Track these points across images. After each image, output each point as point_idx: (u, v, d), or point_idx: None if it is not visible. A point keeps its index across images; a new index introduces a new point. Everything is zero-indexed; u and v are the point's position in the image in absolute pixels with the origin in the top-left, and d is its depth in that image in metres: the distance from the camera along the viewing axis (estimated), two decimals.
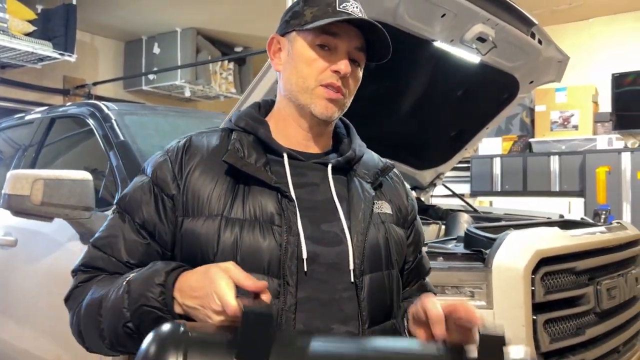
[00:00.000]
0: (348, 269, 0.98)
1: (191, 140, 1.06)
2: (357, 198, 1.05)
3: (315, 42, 1.02)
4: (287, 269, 0.94)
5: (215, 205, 0.98)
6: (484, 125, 2.75)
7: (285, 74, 1.06)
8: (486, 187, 5.22)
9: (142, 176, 1.07)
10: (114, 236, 1.03)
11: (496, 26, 2.07)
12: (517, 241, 1.46)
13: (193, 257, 0.96)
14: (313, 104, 1.02)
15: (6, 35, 4.32)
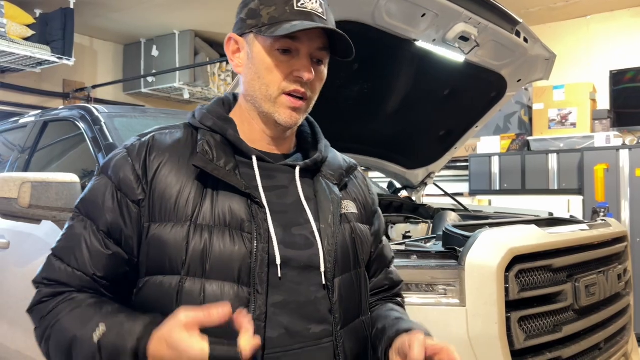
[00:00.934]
0: (319, 271, 0.99)
1: (154, 139, 1.01)
2: (325, 200, 1.05)
3: (275, 47, 0.98)
4: (257, 277, 0.92)
5: (184, 211, 0.94)
6: (473, 124, 2.76)
7: (246, 78, 1.02)
8: (485, 185, 5.20)
9: (102, 178, 1.00)
10: (77, 246, 0.97)
11: (478, 25, 2.07)
12: (490, 239, 1.47)
13: (160, 265, 0.94)
14: (277, 112, 1.00)
15: (4, 40, 4.37)
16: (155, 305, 0.92)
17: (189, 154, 0.98)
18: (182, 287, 0.91)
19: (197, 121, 1.03)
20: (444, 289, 1.42)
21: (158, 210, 0.95)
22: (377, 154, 2.71)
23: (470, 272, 1.41)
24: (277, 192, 1.01)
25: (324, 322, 0.98)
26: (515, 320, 1.45)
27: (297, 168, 1.04)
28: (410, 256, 1.47)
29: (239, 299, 0.90)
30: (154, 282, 0.94)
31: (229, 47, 1.05)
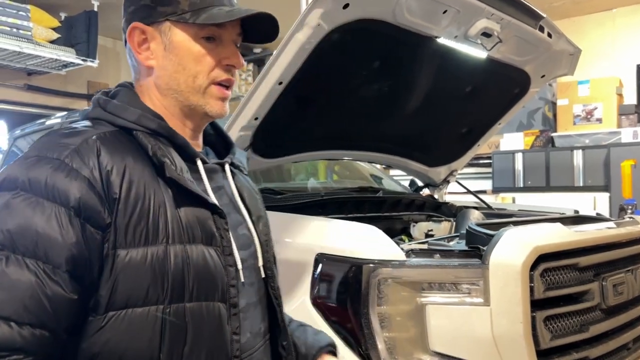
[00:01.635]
0: (258, 266, 1.00)
1: (100, 146, 0.84)
2: (249, 193, 1.06)
3: (200, 35, 0.92)
4: (231, 291, 0.91)
5: (156, 231, 0.83)
6: (496, 121, 2.72)
7: (166, 71, 0.93)
8: (508, 183, 5.14)
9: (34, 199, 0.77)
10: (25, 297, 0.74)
11: (501, 21, 2.04)
12: (514, 237, 1.45)
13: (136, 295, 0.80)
14: (208, 104, 0.95)
15: (31, 43, 4.46)
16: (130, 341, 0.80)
17: (141, 161, 0.86)
18: (167, 316, 0.82)
19: (132, 122, 0.90)
20: (467, 288, 1.41)
21: (129, 232, 0.81)
22: (399, 152, 2.70)
23: (495, 271, 1.39)
24: (219, 193, 0.98)
25: (265, 320, 1.01)
26: (540, 320, 1.43)
27: (227, 166, 1.02)
28: (433, 255, 1.46)
29: (221, 316, 0.89)
30: (124, 316, 0.80)
31: (134, 37, 0.93)
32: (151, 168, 0.87)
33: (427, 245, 1.62)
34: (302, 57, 1.72)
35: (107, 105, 0.93)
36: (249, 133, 1.91)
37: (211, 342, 0.87)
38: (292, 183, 3.16)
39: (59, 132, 0.87)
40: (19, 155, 0.84)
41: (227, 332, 0.89)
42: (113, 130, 0.89)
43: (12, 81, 5.18)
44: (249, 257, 0.98)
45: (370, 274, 1.39)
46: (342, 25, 1.72)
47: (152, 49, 0.94)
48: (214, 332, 0.87)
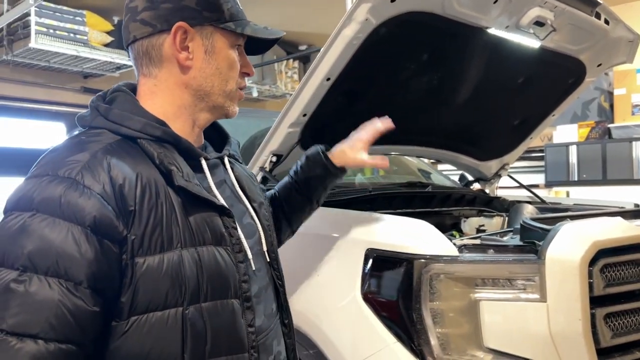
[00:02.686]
0: (263, 250, 1.06)
1: (109, 157, 0.86)
2: (247, 182, 1.12)
3: (236, 43, 1.02)
4: (243, 286, 0.95)
5: (170, 237, 0.87)
6: (549, 113, 2.64)
7: (202, 73, 0.98)
8: (562, 176, 4.97)
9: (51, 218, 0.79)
10: (50, 314, 0.76)
11: (555, 9, 1.98)
12: (572, 232, 1.40)
13: (157, 300, 0.84)
14: (231, 107, 1.04)
15: (87, 47, 4.63)
16: (154, 344, 0.84)
17: (148, 169, 0.89)
18: (187, 317, 0.86)
19: (136, 131, 0.92)
20: (522, 284, 1.37)
21: (145, 241, 0.84)
22: (448, 145, 2.65)
23: (551, 267, 1.35)
24: (221, 188, 1.03)
25: (275, 300, 1.09)
26: (600, 317, 1.38)
27: (225, 159, 1.08)
28: (486, 250, 1.43)
29: (235, 312, 0.93)
30: (146, 320, 0.84)
31: (178, 37, 0.95)
32: (159, 175, 0.90)
33: (480, 241, 1.59)
34: (349, 52, 1.72)
35: (108, 114, 0.94)
36: (298, 129, 1.93)
37: (229, 337, 0.92)
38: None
39: (66, 147, 0.89)
40: (30, 172, 0.86)
41: (242, 325, 0.94)
42: (117, 140, 0.91)
43: (69, 84, 5.40)
44: (255, 244, 1.04)
45: (422, 269, 1.38)
46: (390, 18, 1.70)
47: (192, 49, 0.96)
48: (231, 327, 0.92)
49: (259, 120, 2.89)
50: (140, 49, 0.98)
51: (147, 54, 0.98)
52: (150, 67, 0.98)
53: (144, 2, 0.97)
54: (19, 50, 4.53)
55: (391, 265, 1.42)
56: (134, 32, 0.98)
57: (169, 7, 0.95)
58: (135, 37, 0.98)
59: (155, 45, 0.96)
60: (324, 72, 1.75)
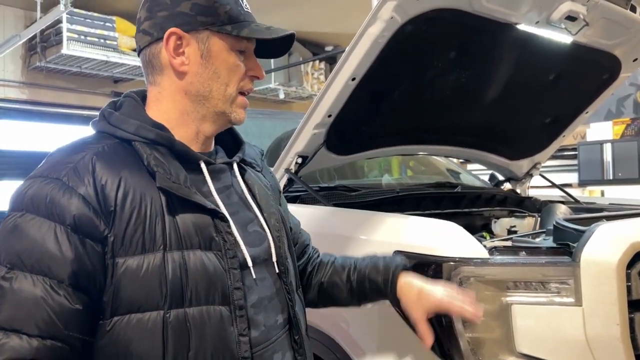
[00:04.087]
0: (272, 261, 1.03)
1: (95, 158, 0.88)
2: (260, 190, 1.08)
3: (236, 47, 0.98)
4: (235, 294, 0.92)
5: (152, 239, 0.86)
6: (582, 110, 2.56)
7: (199, 78, 0.96)
8: (596, 175, 4.86)
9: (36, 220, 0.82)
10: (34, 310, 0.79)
11: (587, 2, 1.91)
12: (609, 233, 1.35)
13: (136, 302, 0.84)
14: (234, 112, 1.00)
15: (117, 52, 4.72)
16: (134, 346, 0.84)
17: (137, 172, 0.89)
18: (168, 322, 0.85)
19: (131, 133, 0.93)
20: (556, 287, 1.33)
21: (126, 241, 0.85)
22: (477, 145, 2.60)
23: (587, 269, 1.30)
24: (226, 193, 1.01)
25: (283, 312, 1.03)
26: (639, 322, 1.33)
27: (234, 165, 1.05)
28: (518, 252, 1.39)
29: (224, 319, 0.90)
30: (128, 321, 0.84)
31: (171, 43, 0.95)
32: (148, 177, 0.90)
33: (511, 242, 1.55)
34: (375, 51, 1.70)
35: (110, 118, 0.96)
36: (323, 130, 1.91)
37: (215, 346, 0.89)
38: (366, 180, 3.14)
39: (66, 149, 0.92)
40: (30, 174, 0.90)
41: (232, 334, 0.91)
42: (113, 143, 0.93)
43: (100, 89, 5.51)
44: (261, 254, 1.01)
45: (451, 272, 1.34)
46: (416, 16, 1.68)
47: (187, 55, 0.96)
48: (218, 335, 0.89)
49: (285, 122, 2.88)
50: (145, 58, 1.00)
51: (150, 63, 0.99)
52: (155, 75, 1.00)
53: (145, 12, 1.00)
54: (51, 57, 4.65)
55: (419, 267, 1.39)
56: (138, 42, 1.01)
57: (165, 14, 0.96)
58: (140, 47, 1.01)
59: (155, 53, 0.98)
60: (349, 72, 1.73)
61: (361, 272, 1.23)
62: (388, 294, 1.20)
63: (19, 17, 5.02)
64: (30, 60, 4.98)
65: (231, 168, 1.06)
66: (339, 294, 1.25)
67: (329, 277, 1.25)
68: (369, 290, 1.22)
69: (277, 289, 1.03)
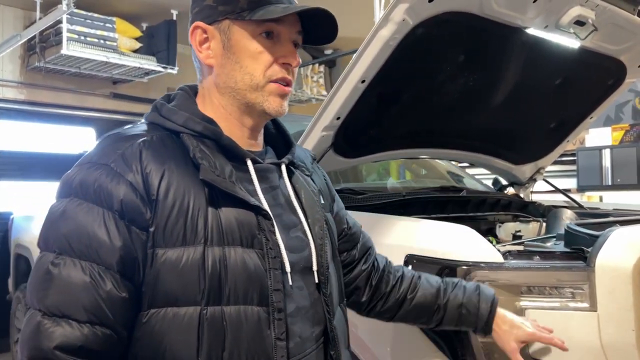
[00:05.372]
0: (312, 270, 0.97)
1: (143, 148, 0.87)
2: (307, 195, 1.03)
3: (258, 32, 0.92)
4: (275, 295, 0.88)
5: (193, 232, 0.84)
6: (587, 115, 2.56)
7: (224, 69, 0.94)
8: (595, 181, 4.86)
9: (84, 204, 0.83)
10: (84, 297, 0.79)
11: (596, 7, 1.91)
12: (624, 238, 1.34)
13: (172, 296, 0.83)
14: (266, 102, 0.94)
15: (116, 53, 4.69)
16: (169, 340, 0.83)
17: (183, 164, 0.88)
18: (204, 319, 0.83)
19: (179, 125, 0.92)
20: (571, 292, 1.32)
21: (167, 234, 0.84)
22: (482, 149, 2.59)
23: (602, 274, 1.30)
24: (272, 193, 0.97)
25: (320, 324, 0.97)
26: None
27: (282, 166, 1.01)
28: (532, 257, 1.38)
29: (261, 321, 0.87)
30: (163, 315, 0.83)
31: (195, 37, 0.95)
32: (194, 170, 0.88)
33: (524, 247, 1.54)
34: (385, 53, 1.69)
35: (162, 110, 0.95)
36: (331, 133, 1.90)
37: (251, 347, 0.86)
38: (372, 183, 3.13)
39: (115, 136, 0.91)
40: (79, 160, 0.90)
41: (269, 337, 0.88)
42: (162, 134, 0.92)
43: (99, 90, 5.47)
44: (300, 261, 0.96)
45: (465, 276, 1.33)
46: (427, 19, 1.67)
47: (212, 47, 0.95)
48: (254, 337, 0.86)
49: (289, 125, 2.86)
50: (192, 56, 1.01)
51: (194, 60, 1.00)
52: (199, 72, 1.00)
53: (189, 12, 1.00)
54: (50, 57, 4.61)
55: (432, 271, 1.38)
56: None
57: (196, 10, 0.97)
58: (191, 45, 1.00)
59: (193, 51, 0.99)
60: (359, 74, 1.72)
61: (456, 297, 1.21)
62: (482, 323, 1.20)
63: (18, 17, 4.99)
64: (29, 60, 4.94)
65: (279, 169, 1.02)
66: (422, 313, 1.21)
67: (414, 294, 1.21)
68: (460, 316, 1.20)
69: (315, 300, 0.98)
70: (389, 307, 1.22)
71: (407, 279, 1.23)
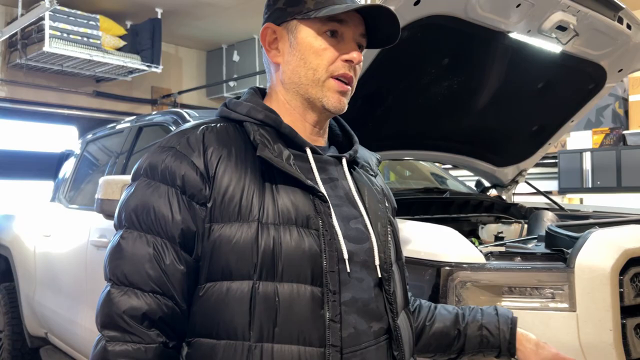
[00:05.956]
0: (374, 265, 0.97)
1: (206, 133, 0.94)
2: (370, 191, 1.04)
3: (323, 30, 0.97)
4: (329, 276, 0.89)
5: (249, 209, 0.88)
6: (568, 119, 2.60)
7: (289, 66, 0.99)
8: (576, 183, 4.93)
9: (152, 183, 0.90)
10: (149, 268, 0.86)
11: (577, 13, 1.95)
12: (602, 240, 1.37)
13: (226, 270, 0.87)
14: (325, 97, 0.98)
15: (100, 51, 4.65)
16: (224, 313, 0.87)
17: (243, 148, 0.94)
18: (256, 293, 0.86)
19: (243, 115, 0.98)
20: (551, 293, 1.34)
21: (222, 209, 0.88)
22: (465, 151, 2.62)
23: (581, 275, 1.32)
24: (330, 184, 0.99)
25: (381, 320, 0.97)
26: (631, 328, 1.35)
27: (344, 160, 1.03)
28: (513, 258, 1.40)
29: (314, 300, 0.88)
30: (218, 288, 0.88)
31: (266, 37, 1.01)
32: (253, 153, 0.93)
33: (505, 248, 1.56)
34: (371, 55, 1.70)
35: (229, 103, 1.03)
36: None
37: (304, 326, 0.87)
38: None
39: (186, 125, 0.99)
40: None
41: (323, 317, 0.88)
42: (227, 124, 0.98)
43: (82, 88, 5.42)
44: (360, 252, 0.96)
45: (449, 277, 1.35)
46: (412, 22, 1.69)
47: (280, 47, 1.01)
48: (307, 315, 0.87)
49: None
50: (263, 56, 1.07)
51: (264, 62, 1.07)
52: (268, 72, 1.06)
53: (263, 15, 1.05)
54: (32, 54, 4.56)
55: (416, 272, 1.40)
56: None
57: (267, 15, 1.03)
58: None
59: (263, 52, 1.05)
60: None
61: (475, 320, 1.18)
62: (505, 344, 1.17)
63: None
64: (10, 57, 4.88)
65: (340, 164, 1.03)
66: (443, 341, 1.18)
67: (432, 321, 1.19)
68: (482, 340, 1.17)
69: (376, 295, 0.96)
70: None
71: (425, 308, 1.21)
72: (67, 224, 3.18)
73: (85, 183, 3.33)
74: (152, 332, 0.86)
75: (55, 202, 3.56)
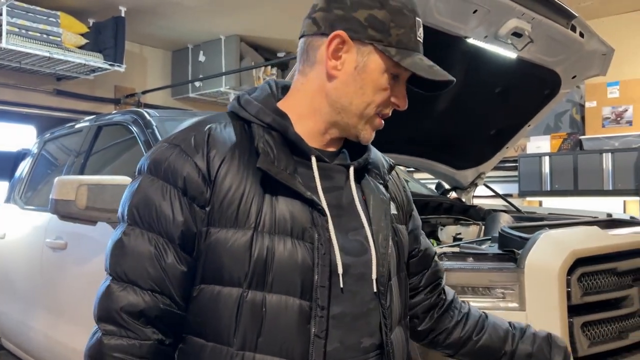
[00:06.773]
0: (371, 278, 0.95)
1: (211, 133, 0.92)
2: (375, 201, 1.01)
3: (391, 71, 0.94)
4: (319, 292, 0.88)
5: (246, 216, 0.88)
6: (525, 123, 2.68)
7: (345, 88, 0.94)
8: (535, 186, 5.05)
9: (155, 180, 0.90)
10: (149, 266, 0.87)
11: (532, 20, 2.01)
12: (551, 241, 1.41)
13: (218, 274, 0.88)
14: (363, 130, 0.97)
15: (60, 48, 4.54)
16: (212, 316, 0.88)
17: (247, 152, 0.92)
18: (244, 301, 0.86)
19: (252, 115, 0.95)
20: (502, 293, 1.38)
21: (220, 214, 0.88)
22: (426, 154, 2.67)
23: (530, 275, 1.36)
24: (334, 193, 0.97)
25: (373, 336, 0.95)
26: (578, 326, 1.39)
27: (351, 168, 0.99)
28: (466, 258, 1.43)
29: (301, 314, 0.87)
30: (210, 291, 0.89)
31: (333, 44, 0.93)
32: (256, 159, 0.91)
33: (459, 249, 1.59)
34: None
35: (241, 99, 0.99)
36: None
37: (288, 338, 0.86)
38: None
39: (195, 120, 0.98)
40: None
41: (308, 332, 0.87)
42: (235, 122, 0.96)
43: (41, 86, 5.28)
44: (357, 265, 0.94)
45: None
46: None
47: (343, 61, 0.94)
48: (292, 328, 0.86)
49: None
50: (303, 46, 0.99)
51: (306, 52, 0.98)
52: (306, 66, 0.98)
53: (323, 2, 0.97)
54: None
55: None
56: (304, 28, 0.99)
57: (340, 14, 0.94)
58: (303, 33, 0.99)
59: (315, 46, 0.96)
60: None
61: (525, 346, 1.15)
62: None
63: None
64: None
65: (348, 172, 1.00)
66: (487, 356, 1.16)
67: (480, 336, 1.16)
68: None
69: (370, 310, 0.95)
70: (451, 343, 1.17)
71: (474, 318, 1.18)
72: (22, 226, 3.10)
73: (42, 183, 3.24)
74: (147, 329, 0.87)
75: (10, 203, 3.46)
